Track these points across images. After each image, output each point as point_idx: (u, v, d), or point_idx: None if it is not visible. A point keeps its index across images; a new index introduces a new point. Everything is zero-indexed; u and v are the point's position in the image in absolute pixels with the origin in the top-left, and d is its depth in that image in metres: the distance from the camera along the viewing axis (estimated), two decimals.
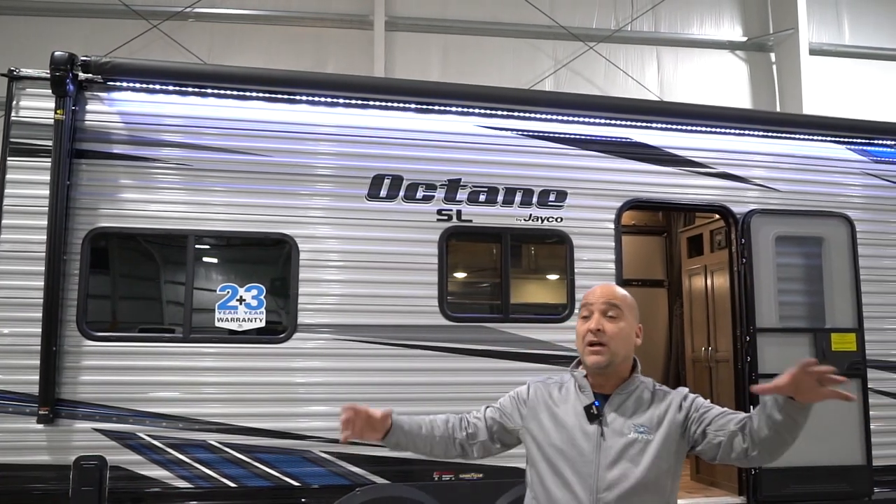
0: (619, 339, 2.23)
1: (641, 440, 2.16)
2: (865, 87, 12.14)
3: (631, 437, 2.16)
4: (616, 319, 2.25)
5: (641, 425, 2.18)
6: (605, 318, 2.25)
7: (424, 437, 2.41)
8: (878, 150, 5.69)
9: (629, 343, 2.27)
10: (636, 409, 2.22)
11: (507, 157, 4.95)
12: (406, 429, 2.40)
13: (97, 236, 4.39)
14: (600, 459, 2.16)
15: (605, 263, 5.01)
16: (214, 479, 4.28)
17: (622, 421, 2.20)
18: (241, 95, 4.67)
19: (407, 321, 4.64)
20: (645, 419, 2.19)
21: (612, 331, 2.23)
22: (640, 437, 2.16)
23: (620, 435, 2.17)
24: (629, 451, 2.15)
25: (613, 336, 2.22)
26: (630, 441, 2.16)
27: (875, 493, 5.15)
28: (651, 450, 2.15)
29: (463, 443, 2.42)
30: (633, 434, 2.17)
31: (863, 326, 5.28)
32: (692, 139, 5.33)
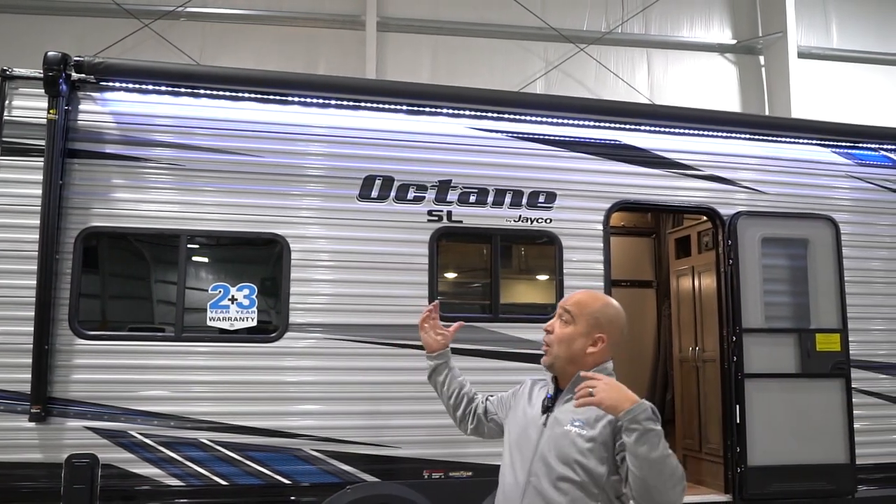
0: (558, 342, 2.39)
1: (574, 433, 2.24)
2: (853, 90, 12.27)
3: (566, 428, 2.27)
4: (565, 324, 2.40)
5: (579, 420, 2.26)
6: (558, 321, 2.43)
7: (458, 382, 2.77)
8: (862, 153, 5.77)
9: (571, 348, 2.37)
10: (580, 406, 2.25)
11: (498, 159, 5.00)
12: (450, 364, 2.79)
13: (89, 236, 4.41)
14: (539, 446, 2.32)
15: (593, 264, 5.07)
16: (206, 477, 4.31)
17: (565, 414, 2.31)
18: (233, 96, 4.70)
19: (397, 321, 4.68)
20: (584, 416, 2.25)
21: (557, 334, 2.41)
22: (575, 430, 2.25)
23: (559, 425, 2.30)
24: (562, 441, 2.27)
25: (555, 339, 2.40)
26: (565, 432, 2.27)
27: (859, 490, 5.23)
28: (580, 442, 2.23)
29: (468, 410, 2.76)
30: (569, 426, 2.26)
31: (847, 327, 5.36)
32: (680, 142, 5.40)
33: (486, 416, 2.75)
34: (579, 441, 2.23)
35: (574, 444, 2.23)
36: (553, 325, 2.44)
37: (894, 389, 5.51)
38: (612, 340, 2.41)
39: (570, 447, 2.24)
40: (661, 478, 2.00)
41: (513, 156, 5.04)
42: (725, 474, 5.19)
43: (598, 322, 2.38)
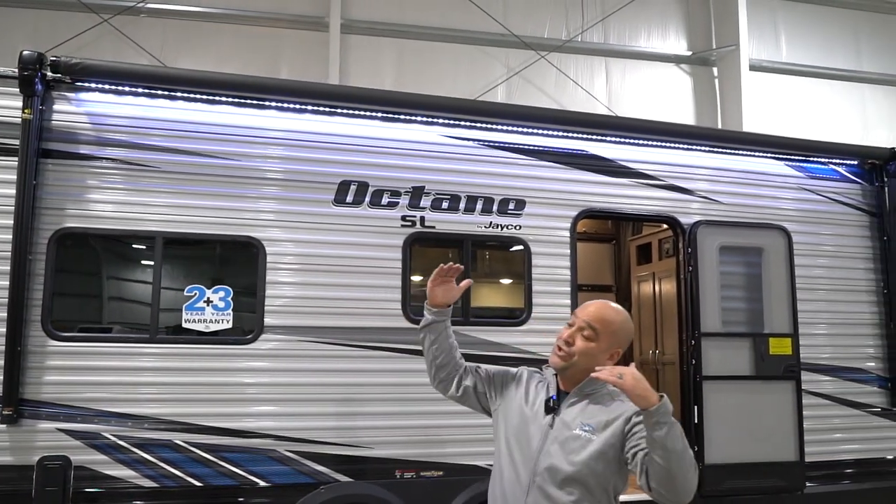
0: (584, 355, 2.44)
1: (584, 437, 2.34)
2: (801, 103, 12.78)
3: (576, 432, 2.36)
4: (589, 340, 2.46)
5: (588, 424, 2.36)
6: (579, 335, 2.47)
7: (449, 343, 2.72)
8: (813, 166, 6.07)
9: (592, 362, 2.42)
10: (588, 410, 2.41)
11: (470, 167, 5.13)
12: (448, 323, 2.73)
13: (63, 236, 4.39)
14: (544, 446, 2.38)
15: (560, 270, 5.24)
16: (180, 478, 4.33)
17: (573, 417, 2.40)
18: (209, 100, 4.73)
19: (372, 323, 4.77)
20: (594, 420, 2.36)
21: (580, 347, 2.45)
22: (584, 434, 2.34)
23: (567, 428, 2.38)
24: (570, 444, 2.35)
25: (580, 351, 2.45)
26: (574, 436, 2.35)
27: (807, 487, 5.51)
28: (589, 448, 2.32)
29: (453, 374, 2.71)
30: (579, 430, 2.35)
31: (797, 332, 5.64)
32: (644, 153, 5.61)
33: (475, 389, 2.71)
34: (589, 445, 2.32)
35: (584, 448, 2.32)
36: (573, 338, 2.47)
37: (838, 391, 5.81)
38: (622, 353, 2.53)
39: (580, 451, 2.32)
40: (684, 465, 2.14)
41: (484, 164, 5.18)
42: None
43: (617, 339, 2.49)
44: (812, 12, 13.24)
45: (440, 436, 4.77)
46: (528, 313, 5.09)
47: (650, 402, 2.11)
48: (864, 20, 13.51)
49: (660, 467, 2.15)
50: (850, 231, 6.05)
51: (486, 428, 4.84)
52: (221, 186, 4.65)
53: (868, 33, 13.52)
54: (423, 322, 2.75)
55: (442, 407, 4.80)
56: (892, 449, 5.92)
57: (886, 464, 5.87)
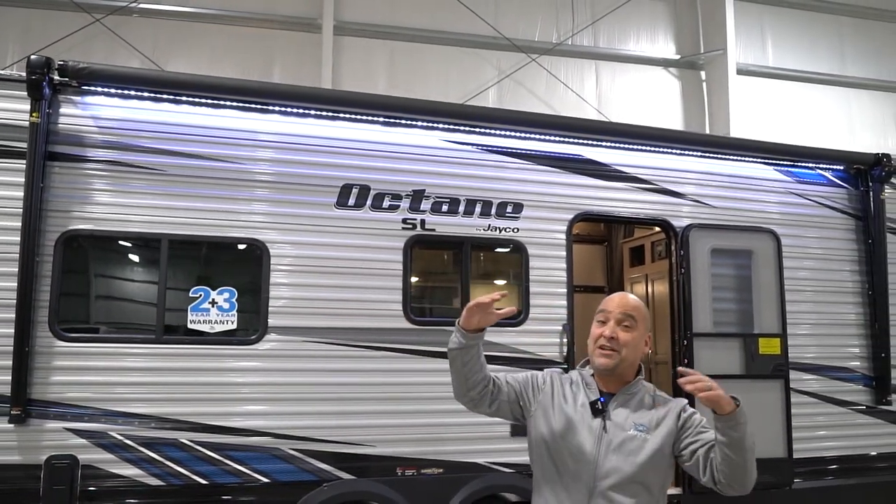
0: (630, 347, 2.46)
1: (640, 437, 2.36)
2: (787, 106, 13.00)
3: (631, 433, 2.37)
4: (630, 329, 2.47)
5: (641, 424, 2.39)
6: (619, 327, 2.47)
7: (480, 363, 2.55)
8: (801, 171, 6.23)
9: (638, 352, 2.49)
10: (637, 409, 2.44)
11: (469, 171, 5.23)
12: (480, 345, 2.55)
13: (70, 238, 4.45)
14: (601, 450, 2.37)
15: (557, 272, 5.35)
16: (186, 476, 4.41)
17: (624, 418, 2.41)
18: (214, 104, 4.80)
19: (373, 324, 4.87)
20: (645, 419, 2.40)
21: (624, 339, 2.46)
22: (639, 434, 2.37)
23: (622, 430, 2.39)
24: (628, 445, 2.36)
25: (625, 344, 2.45)
26: (630, 437, 2.37)
27: (795, 483, 5.66)
28: (647, 447, 2.36)
29: (484, 392, 2.57)
30: (633, 431, 2.37)
31: (786, 332, 5.79)
32: (637, 157, 5.73)
33: (509, 401, 2.60)
34: (647, 445, 2.36)
35: (642, 448, 2.35)
36: (615, 332, 2.46)
37: (824, 389, 5.97)
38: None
39: (639, 451, 2.35)
40: (753, 460, 2.26)
41: (483, 168, 5.28)
42: (677, 469, 5.53)
43: (648, 323, 2.54)
44: (798, 17, 13.47)
45: (440, 434, 4.87)
46: (526, 314, 5.20)
47: (730, 406, 2.21)
48: (849, 25, 13.77)
49: (735, 464, 2.23)
50: (836, 234, 6.21)
51: (485, 426, 5.00)
52: (226, 189, 4.73)
53: (853, 38, 13.77)
54: (453, 344, 2.55)
55: (442, 406, 4.92)
56: (877, 445, 6.09)
57: (871, 460, 6.04)
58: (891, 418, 6.11)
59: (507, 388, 2.61)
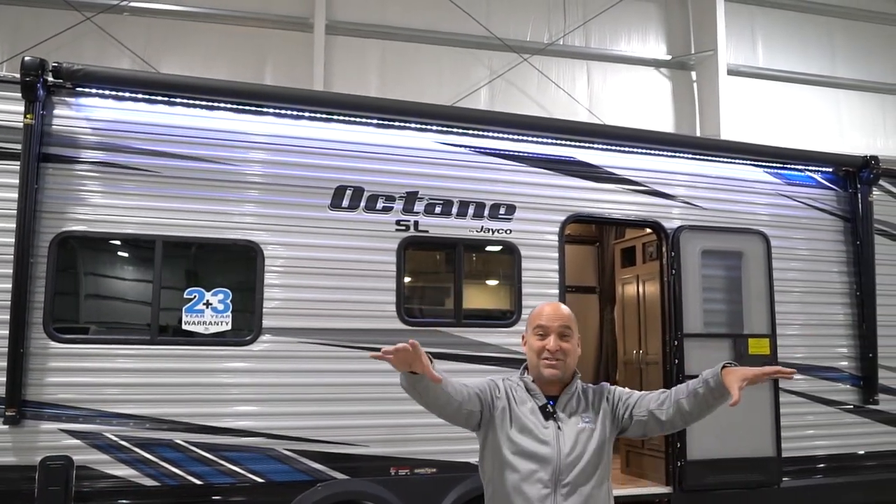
0: (571, 355, 2.68)
1: (588, 428, 2.62)
2: (777, 107, 13.09)
3: (580, 426, 2.62)
4: (569, 339, 2.68)
5: (587, 417, 2.64)
6: (561, 340, 2.66)
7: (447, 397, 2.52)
8: (790, 173, 6.30)
9: (576, 355, 2.72)
10: (579, 404, 2.68)
11: (462, 172, 5.27)
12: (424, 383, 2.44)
13: (64, 240, 4.46)
14: (560, 447, 2.57)
15: (549, 273, 5.40)
16: (181, 476, 4.43)
17: (571, 415, 2.65)
18: (208, 106, 4.81)
19: (367, 325, 4.90)
20: (587, 413, 2.66)
21: (566, 349, 2.66)
22: (587, 426, 2.62)
23: (573, 426, 2.62)
24: (581, 437, 2.60)
25: (568, 353, 2.67)
26: (581, 429, 2.61)
27: (783, 481, 5.73)
28: (596, 436, 2.62)
29: (460, 405, 2.58)
30: (582, 424, 2.62)
31: (775, 332, 5.86)
32: (629, 160, 5.79)
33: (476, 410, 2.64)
34: (595, 433, 2.62)
35: (592, 437, 2.61)
36: (559, 345, 2.63)
37: (813, 389, 6.05)
38: None
39: (589, 441, 2.60)
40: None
41: (476, 169, 5.32)
42: (667, 468, 5.60)
43: (576, 326, 2.74)
44: (788, 18, 13.56)
45: (433, 434, 4.89)
46: (518, 315, 5.24)
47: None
48: (839, 27, 13.87)
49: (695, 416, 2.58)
50: (825, 236, 6.29)
51: None
52: (220, 191, 4.75)
53: (843, 39, 13.87)
54: (401, 383, 2.50)
55: None
56: (864, 444, 6.17)
57: (859, 459, 6.12)
58: (878, 417, 6.19)
59: (474, 398, 2.64)
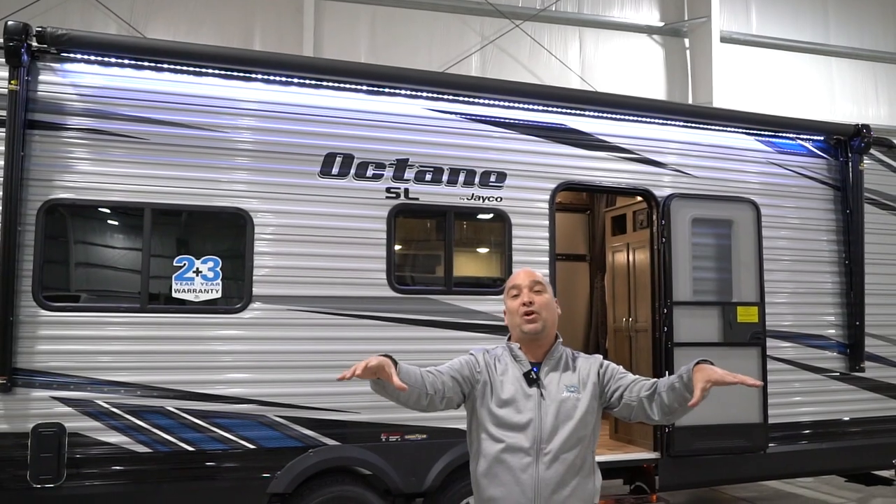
0: (546, 308, 2.70)
1: (573, 398, 2.61)
2: (770, 75, 13.04)
3: (564, 395, 2.61)
4: (541, 293, 2.72)
5: (572, 385, 2.63)
6: (533, 293, 2.71)
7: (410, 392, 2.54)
8: (781, 142, 6.29)
9: (553, 313, 2.74)
10: (564, 372, 2.67)
11: (453, 140, 5.24)
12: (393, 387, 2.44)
13: (52, 208, 4.42)
14: (541, 415, 2.58)
15: (539, 241, 5.40)
16: (173, 443, 4.45)
17: (556, 383, 2.65)
18: (196, 72, 4.75)
19: (357, 293, 4.90)
20: (574, 380, 2.65)
21: (539, 301, 2.70)
22: (571, 395, 2.61)
23: (556, 394, 2.62)
24: (564, 407, 2.60)
25: (542, 305, 2.69)
26: (564, 398, 2.61)
27: (769, 447, 5.82)
28: (580, 405, 2.61)
29: (433, 397, 2.61)
30: (566, 393, 2.61)
31: (764, 300, 5.90)
32: (620, 127, 5.77)
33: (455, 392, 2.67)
34: (580, 403, 2.62)
35: (576, 407, 2.61)
36: (532, 298, 2.69)
37: (800, 356, 6.11)
38: None
39: (573, 410, 2.60)
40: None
41: (467, 137, 5.29)
42: (654, 434, 5.67)
43: (551, 290, 2.79)
44: None
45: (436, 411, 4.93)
46: None
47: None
48: None
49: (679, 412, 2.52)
50: (815, 204, 6.31)
51: None
52: (209, 158, 4.71)
53: (836, 7, 13.79)
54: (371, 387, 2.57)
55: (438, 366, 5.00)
56: (850, 411, 6.26)
57: (844, 425, 6.21)
58: (863, 385, 6.28)
59: (450, 381, 2.66)
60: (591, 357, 2.76)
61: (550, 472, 2.54)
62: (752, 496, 7.71)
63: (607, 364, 2.73)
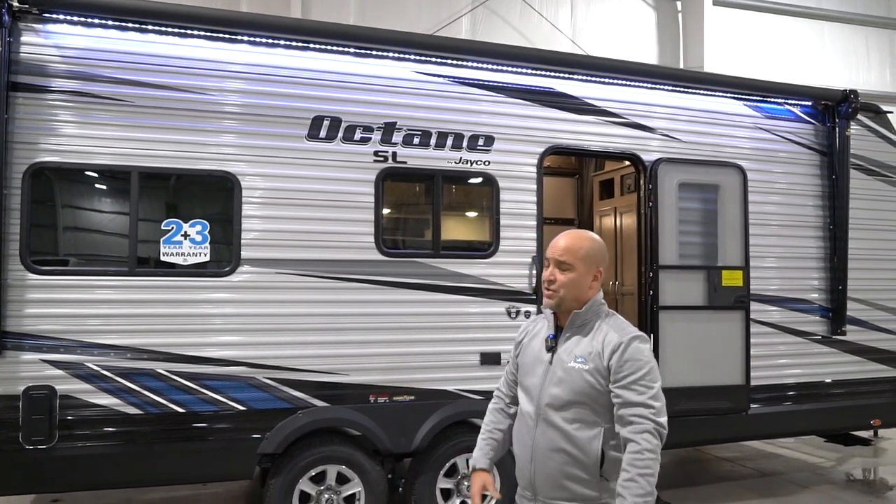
0: (567, 286, 2.65)
1: (578, 368, 2.60)
2: (762, 39, 12.96)
3: (570, 364, 2.62)
4: (567, 271, 2.65)
5: (581, 356, 2.61)
6: (557, 270, 2.67)
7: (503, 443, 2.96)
8: (769, 106, 6.30)
9: (578, 289, 2.65)
10: (579, 343, 2.65)
11: (441, 103, 5.22)
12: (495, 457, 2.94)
13: (38, 171, 4.40)
14: (545, 382, 2.66)
15: (527, 205, 5.43)
16: (163, 405, 4.51)
17: (569, 351, 2.66)
18: (181, 33, 4.70)
19: (345, 256, 4.93)
20: (586, 351, 2.61)
21: (561, 280, 2.65)
22: (577, 365, 2.60)
23: (564, 362, 2.65)
24: (567, 376, 2.61)
25: (562, 285, 2.65)
26: (569, 368, 2.62)
27: (751, 408, 5.93)
28: (584, 377, 2.58)
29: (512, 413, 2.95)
30: (573, 363, 2.61)
31: (748, 265, 5.96)
32: (608, 91, 5.76)
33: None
34: (585, 374, 2.58)
35: (579, 378, 2.59)
36: (554, 275, 2.66)
37: (783, 320, 6.20)
38: (604, 271, 2.73)
39: (575, 381, 2.59)
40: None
41: (455, 100, 5.28)
42: None
43: (592, 261, 2.67)
44: None
45: (411, 363, 5.01)
46: (496, 246, 5.29)
47: None
48: None
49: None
50: (801, 169, 6.34)
51: (456, 355, 5.17)
52: (195, 121, 4.68)
53: None
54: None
55: (412, 336, 5.08)
56: (831, 373, 6.38)
57: (825, 387, 6.33)
58: (845, 348, 6.38)
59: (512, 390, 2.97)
60: (616, 333, 2.61)
61: (544, 439, 2.63)
62: (734, 456, 7.88)
63: (620, 357, 2.54)
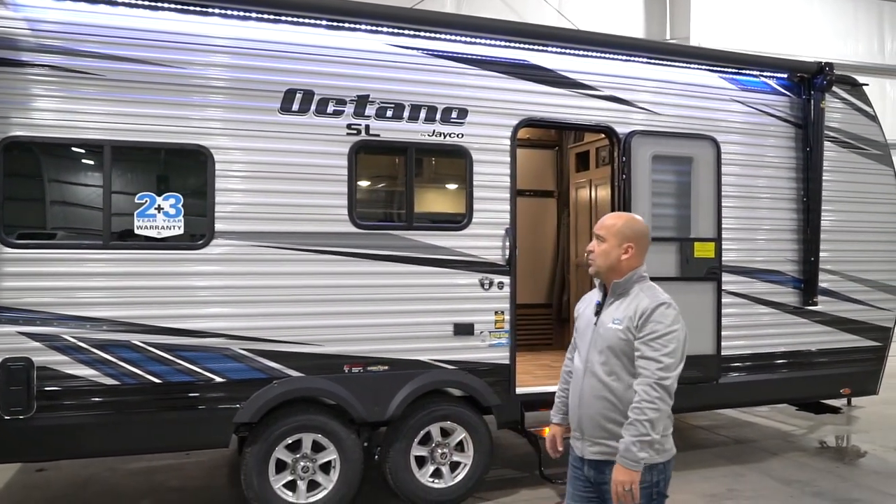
0: (600, 256, 3.11)
1: (614, 328, 3.01)
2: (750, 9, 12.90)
3: (609, 325, 3.04)
4: (602, 242, 3.11)
5: (617, 318, 3.02)
6: (595, 241, 3.15)
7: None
8: (745, 79, 6.34)
9: (609, 258, 3.08)
10: (619, 308, 3.05)
11: (414, 76, 5.25)
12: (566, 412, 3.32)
13: (10, 145, 4.43)
14: (591, 341, 3.11)
15: (500, 177, 5.48)
16: (139, 375, 4.59)
17: (610, 315, 3.07)
18: (152, 6, 4.71)
19: (318, 228, 4.99)
20: (621, 314, 3.01)
21: (597, 251, 3.13)
22: (614, 326, 3.01)
23: (604, 325, 3.07)
24: (606, 334, 3.03)
25: (598, 254, 3.12)
26: (608, 328, 3.04)
27: (722, 377, 6.05)
28: (619, 334, 2.99)
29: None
30: (611, 324, 3.03)
31: (721, 237, 6.04)
32: (582, 63, 5.79)
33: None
34: (619, 333, 2.98)
35: (616, 335, 2.99)
36: (593, 246, 3.14)
37: (755, 291, 6.30)
38: (640, 247, 3.09)
39: (613, 338, 3.00)
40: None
41: (428, 73, 5.30)
42: None
43: (625, 235, 3.07)
44: None
45: (385, 333, 5.10)
46: (469, 218, 5.35)
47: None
48: None
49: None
50: (776, 142, 6.41)
51: (429, 326, 5.26)
52: (169, 95, 4.70)
53: None
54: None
55: (386, 307, 5.15)
56: (803, 343, 6.51)
57: (796, 356, 6.46)
58: (815, 318, 6.50)
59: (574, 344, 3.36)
60: (646, 300, 2.97)
61: (589, 388, 3.05)
62: (709, 424, 8.03)
63: (649, 315, 2.91)
